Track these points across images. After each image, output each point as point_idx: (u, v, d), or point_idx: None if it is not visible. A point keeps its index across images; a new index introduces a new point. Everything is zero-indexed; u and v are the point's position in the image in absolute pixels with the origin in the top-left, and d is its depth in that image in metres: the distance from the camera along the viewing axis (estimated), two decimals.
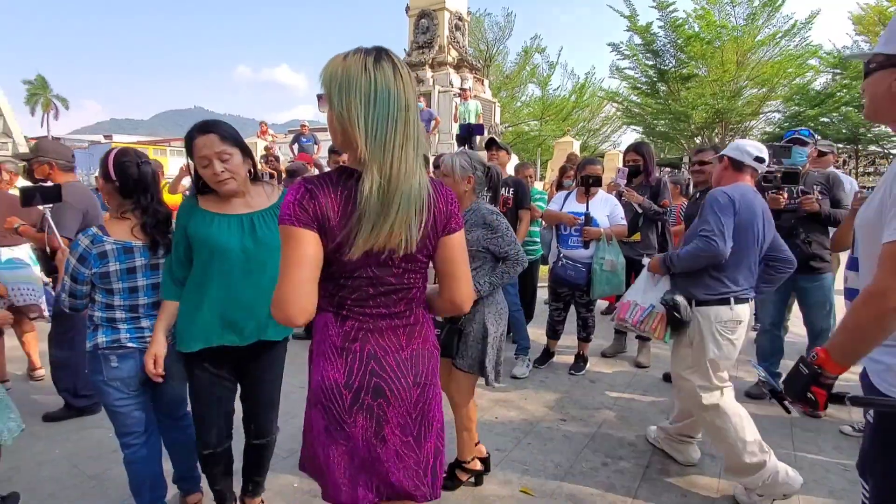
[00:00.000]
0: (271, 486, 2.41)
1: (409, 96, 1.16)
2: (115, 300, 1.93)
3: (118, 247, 1.89)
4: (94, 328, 1.95)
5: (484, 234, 2.33)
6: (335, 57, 1.15)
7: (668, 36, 18.19)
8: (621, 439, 3.01)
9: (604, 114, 25.97)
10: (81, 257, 1.87)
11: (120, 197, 1.96)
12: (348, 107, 1.11)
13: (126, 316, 1.95)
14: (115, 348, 1.91)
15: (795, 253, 3.20)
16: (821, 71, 19.14)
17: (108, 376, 1.92)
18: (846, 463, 2.76)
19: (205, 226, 1.82)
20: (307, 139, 11.04)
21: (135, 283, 1.94)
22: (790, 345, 4.07)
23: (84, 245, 1.87)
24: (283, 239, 1.15)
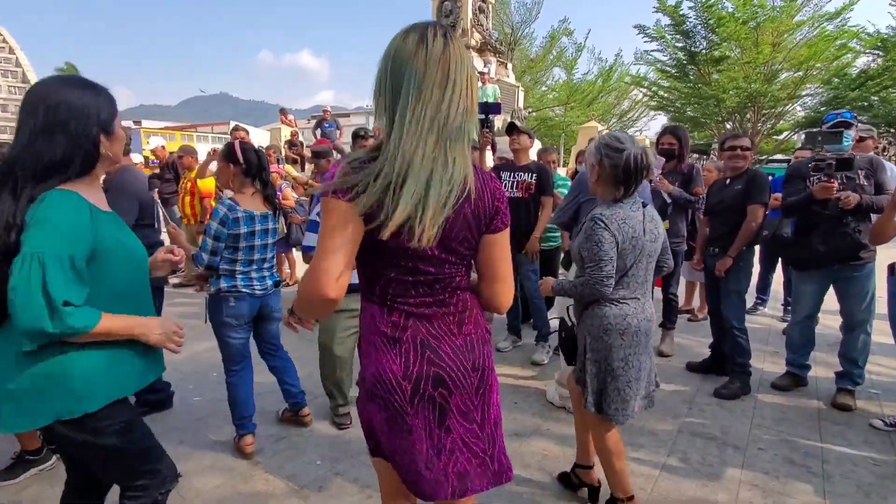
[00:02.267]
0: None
1: (452, 75, 1.10)
2: (237, 256, 2.52)
3: (245, 214, 2.49)
4: (217, 277, 2.53)
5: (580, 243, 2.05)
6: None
7: (699, 17, 17.58)
8: (641, 427, 2.98)
9: (629, 100, 25.37)
10: (222, 221, 2.44)
11: (243, 177, 2.55)
12: (379, 76, 1.13)
13: (242, 269, 2.55)
14: (232, 292, 2.52)
15: (844, 242, 3.10)
16: (861, 52, 18.28)
17: (227, 313, 2.53)
18: (876, 457, 2.68)
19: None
20: (329, 124, 11.08)
21: (252, 243, 2.54)
22: (819, 336, 3.96)
23: (223, 212, 2.45)
24: (326, 212, 1.11)
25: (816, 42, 16.62)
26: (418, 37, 1.10)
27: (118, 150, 1.44)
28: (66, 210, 1.26)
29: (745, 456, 2.69)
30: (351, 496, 2.33)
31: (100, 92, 1.37)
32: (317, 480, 2.44)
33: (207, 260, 2.49)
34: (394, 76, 1.10)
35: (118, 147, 1.43)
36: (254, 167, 2.55)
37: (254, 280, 2.59)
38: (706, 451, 2.74)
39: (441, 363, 1.22)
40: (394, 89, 1.10)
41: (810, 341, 3.52)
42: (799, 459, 2.66)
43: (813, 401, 3.36)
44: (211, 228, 2.46)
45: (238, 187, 2.58)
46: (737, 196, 3.41)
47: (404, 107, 1.09)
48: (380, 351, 1.22)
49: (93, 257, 1.30)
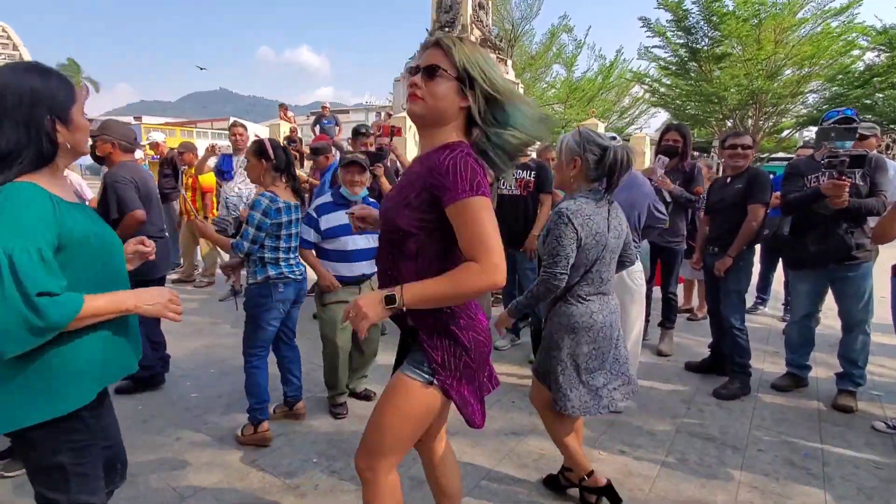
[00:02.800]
0: None
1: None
2: (280, 244, 2.68)
3: (285, 205, 2.65)
4: (262, 265, 2.67)
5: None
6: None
7: (701, 12, 17.47)
8: (640, 427, 2.96)
9: (630, 96, 25.25)
10: (265, 212, 2.59)
11: (273, 172, 2.69)
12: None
13: (284, 256, 2.71)
14: (281, 278, 2.68)
15: (836, 242, 3.08)
16: (867, 49, 18.13)
17: (276, 299, 2.69)
18: (877, 460, 2.66)
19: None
20: (328, 121, 11.04)
21: (290, 231, 2.71)
22: (820, 337, 3.94)
23: (266, 203, 2.59)
24: (481, 208, 1.25)
25: (820, 39, 16.50)
26: None
27: (80, 139, 1.35)
28: (24, 202, 1.19)
29: (744, 457, 2.67)
30: (347, 494, 2.31)
31: (51, 77, 1.28)
32: (313, 478, 2.43)
33: (248, 248, 2.61)
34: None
35: (80, 137, 1.35)
36: (283, 162, 2.71)
37: (293, 266, 2.77)
38: (705, 451, 2.72)
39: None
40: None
41: (809, 341, 3.50)
42: (799, 461, 2.65)
43: (813, 402, 3.34)
44: (254, 218, 2.59)
45: (270, 182, 2.71)
46: (737, 195, 3.38)
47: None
48: (475, 319, 1.46)
49: (61, 249, 1.24)
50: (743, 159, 3.44)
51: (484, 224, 1.25)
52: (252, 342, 2.73)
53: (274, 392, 2.99)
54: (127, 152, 3.27)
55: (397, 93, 14.42)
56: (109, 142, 3.19)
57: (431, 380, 1.41)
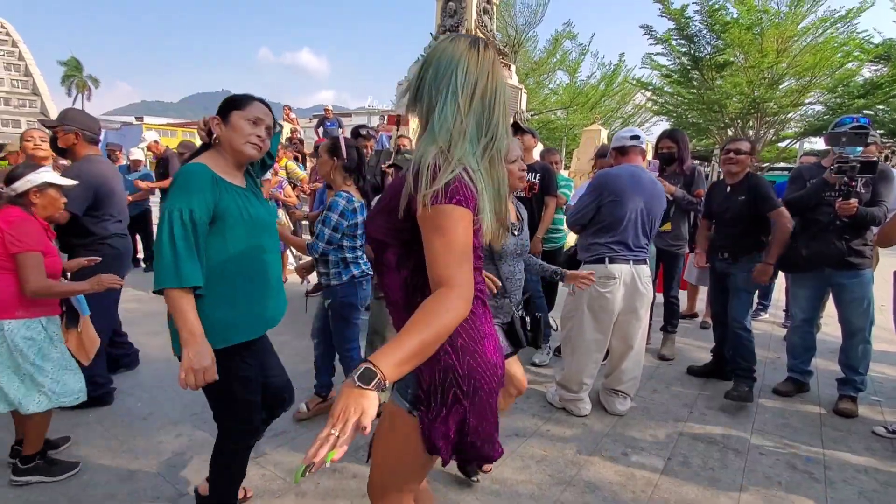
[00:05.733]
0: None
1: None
2: (357, 244, 2.71)
3: (360, 204, 2.66)
4: (346, 265, 2.71)
5: None
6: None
7: (703, 21, 17.54)
8: (642, 431, 2.96)
9: (632, 103, 25.35)
10: (343, 213, 2.59)
11: (344, 171, 2.69)
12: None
13: (360, 255, 2.76)
14: (363, 276, 2.75)
15: (828, 248, 3.09)
16: (868, 60, 18.21)
17: (361, 297, 2.75)
18: (878, 464, 2.66)
19: (243, 200, 1.73)
20: (331, 123, 11.08)
21: (361, 230, 2.68)
22: (822, 343, 3.94)
23: (343, 204, 2.60)
24: (459, 219, 1.09)
25: (822, 48, 16.57)
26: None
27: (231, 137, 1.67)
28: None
29: (746, 461, 2.67)
30: (348, 493, 2.31)
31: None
32: (314, 477, 2.42)
33: (322, 249, 2.63)
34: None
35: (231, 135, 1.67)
36: (354, 163, 2.71)
37: (366, 264, 2.82)
38: (707, 455, 2.72)
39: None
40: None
41: (811, 347, 3.50)
42: (801, 465, 2.64)
43: (815, 407, 3.33)
44: (331, 220, 2.59)
45: (341, 181, 2.72)
46: (743, 207, 3.32)
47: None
48: (478, 342, 1.22)
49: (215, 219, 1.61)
50: (736, 165, 3.37)
51: (454, 237, 1.08)
52: (348, 338, 2.83)
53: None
54: (91, 143, 3.06)
55: (400, 95, 14.47)
56: (72, 132, 2.93)
57: (411, 409, 1.22)
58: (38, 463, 2.33)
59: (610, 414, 3.14)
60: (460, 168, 1.11)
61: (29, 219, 2.25)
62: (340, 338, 2.84)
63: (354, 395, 0.94)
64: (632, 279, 2.99)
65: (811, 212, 3.18)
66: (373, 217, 1.28)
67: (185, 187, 1.58)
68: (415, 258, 1.17)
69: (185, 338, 1.53)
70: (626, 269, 2.98)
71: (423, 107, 1.21)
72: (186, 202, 1.55)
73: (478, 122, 1.17)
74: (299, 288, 6.04)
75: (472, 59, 1.17)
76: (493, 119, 1.19)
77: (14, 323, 2.17)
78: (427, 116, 1.20)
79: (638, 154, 3.14)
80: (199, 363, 1.53)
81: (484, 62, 1.19)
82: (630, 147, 3.13)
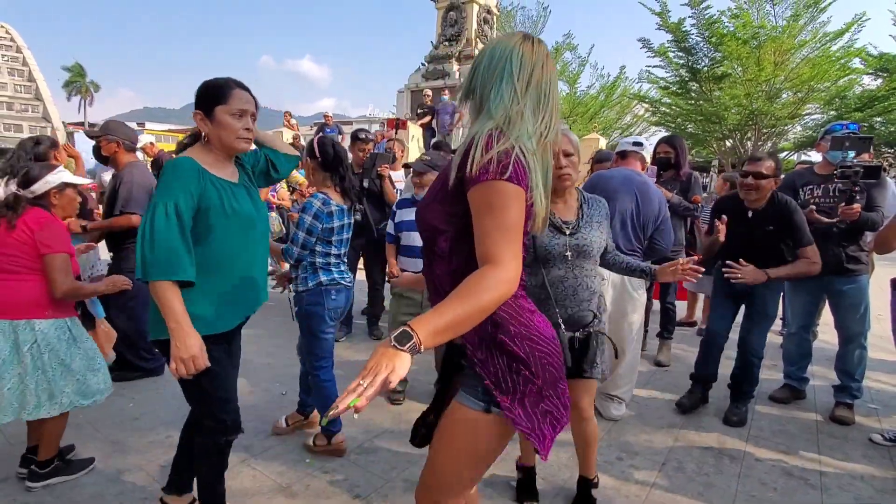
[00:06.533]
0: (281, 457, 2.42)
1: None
2: (331, 249, 2.53)
3: (338, 208, 2.49)
4: (314, 271, 2.51)
5: None
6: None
7: (701, 34, 17.67)
8: (637, 435, 2.94)
9: (632, 114, 25.50)
10: (316, 215, 2.43)
11: (322, 171, 2.52)
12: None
13: (335, 262, 2.56)
14: (333, 285, 2.52)
15: (830, 256, 3.07)
16: (865, 72, 18.36)
17: (328, 306, 2.51)
18: (874, 471, 2.64)
19: (228, 194, 1.71)
20: (331, 129, 11.13)
21: (341, 236, 2.56)
22: (819, 350, 3.93)
23: (317, 206, 2.43)
24: (512, 196, 1.08)
25: (819, 62, 16.69)
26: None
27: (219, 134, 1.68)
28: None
29: (741, 467, 2.65)
30: (339, 495, 2.28)
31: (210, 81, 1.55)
32: (305, 478, 2.40)
33: (298, 254, 2.48)
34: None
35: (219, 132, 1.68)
36: (329, 159, 2.52)
37: (344, 273, 2.61)
38: (702, 460, 2.70)
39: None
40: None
41: (807, 354, 3.49)
42: (797, 472, 2.62)
43: (811, 413, 3.31)
44: (304, 222, 2.44)
45: (320, 182, 2.56)
46: (773, 239, 2.94)
47: None
48: (529, 325, 1.22)
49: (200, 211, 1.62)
50: (755, 192, 2.88)
51: (504, 214, 1.06)
52: (315, 355, 2.57)
53: (269, 392, 2.97)
54: (130, 151, 3.37)
55: (401, 103, 14.56)
56: (114, 141, 3.29)
57: (488, 407, 1.21)
58: (57, 465, 2.31)
59: (605, 419, 3.11)
60: (517, 145, 1.10)
61: (57, 220, 2.25)
62: (308, 352, 2.60)
63: (389, 353, 0.95)
64: (621, 281, 2.98)
65: (809, 223, 3.15)
66: (427, 203, 1.26)
67: (170, 181, 1.59)
68: (468, 247, 1.14)
69: (172, 328, 1.54)
70: None
71: (477, 94, 1.21)
72: (172, 196, 1.56)
73: (533, 109, 1.17)
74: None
75: (526, 49, 1.19)
76: (547, 107, 1.19)
77: (45, 322, 2.16)
78: (482, 102, 1.20)
79: (637, 160, 3.22)
80: (187, 352, 1.55)
81: (539, 53, 1.20)
82: (630, 152, 3.21)
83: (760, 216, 2.94)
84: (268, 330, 4.57)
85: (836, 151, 3.03)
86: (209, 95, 1.68)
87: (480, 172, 1.08)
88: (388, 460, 2.57)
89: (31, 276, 2.14)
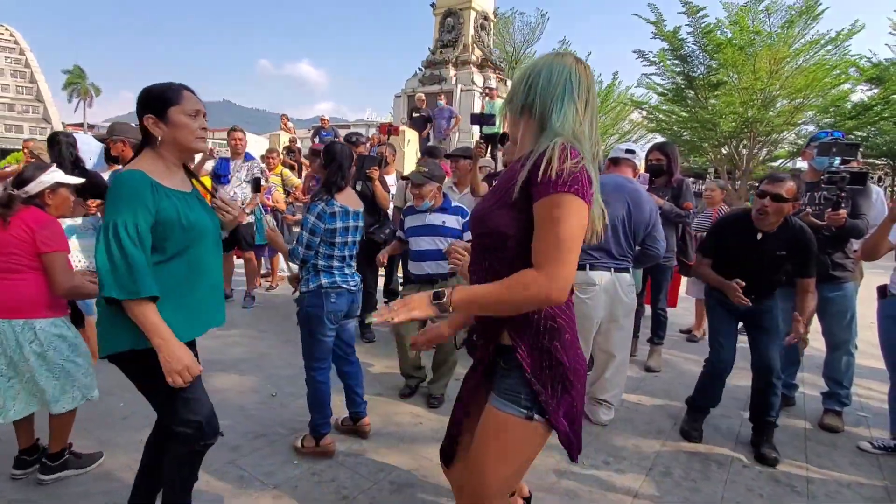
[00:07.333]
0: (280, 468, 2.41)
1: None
2: (334, 251, 2.54)
3: (341, 209, 2.51)
4: (316, 273, 2.53)
5: None
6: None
7: (697, 42, 17.82)
8: (625, 440, 2.94)
9: (628, 121, 25.64)
10: (319, 215, 2.46)
11: (323, 170, 2.57)
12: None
13: (339, 264, 2.57)
14: (334, 288, 2.52)
15: (817, 263, 3.09)
16: (859, 81, 18.52)
17: (328, 309, 2.51)
18: (862, 479, 2.65)
19: (183, 205, 1.65)
20: (327, 133, 11.13)
21: (345, 238, 2.56)
22: (808, 358, 3.95)
23: (321, 206, 2.47)
24: (569, 209, 1.13)
25: (814, 70, 16.83)
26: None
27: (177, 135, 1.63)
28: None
29: (728, 472, 2.66)
30: (327, 497, 2.28)
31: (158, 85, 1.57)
32: (292, 480, 2.39)
33: (303, 254, 2.49)
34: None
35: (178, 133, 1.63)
36: (331, 160, 2.57)
37: (348, 276, 2.61)
38: (689, 466, 2.70)
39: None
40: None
41: (795, 361, 3.51)
42: (783, 479, 2.63)
43: (800, 421, 3.33)
44: (308, 223, 2.47)
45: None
46: (782, 262, 2.79)
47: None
48: (575, 340, 1.32)
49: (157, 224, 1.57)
50: (774, 216, 2.66)
51: (565, 227, 1.12)
52: (312, 356, 2.58)
53: (255, 393, 2.95)
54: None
55: (398, 108, 14.59)
56: (120, 140, 3.48)
57: (532, 414, 1.26)
58: (68, 457, 2.34)
59: (594, 423, 3.12)
60: (583, 161, 1.17)
61: (55, 219, 2.27)
62: (306, 356, 2.61)
63: (424, 301, 1.19)
64: (613, 287, 2.99)
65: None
66: (491, 208, 1.29)
67: (127, 198, 1.52)
68: (530, 251, 1.20)
69: (159, 344, 1.52)
70: (608, 276, 2.98)
71: (537, 110, 1.25)
72: (132, 215, 1.50)
73: (589, 127, 1.25)
74: (289, 293, 6.04)
75: (581, 70, 1.26)
76: (595, 126, 1.28)
77: (44, 322, 2.18)
78: (542, 118, 1.25)
79: (629, 167, 3.26)
80: (180, 364, 1.54)
81: (590, 75, 1.28)
82: (623, 159, 3.26)
83: (771, 239, 2.73)
84: (258, 331, 4.57)
85: (823, 157, 3.05)
86: (159, 98, 1.62)
87: (551, 184, 1.14)
88: (376, 462, 2.57)
89: (29, 275, 2.16)
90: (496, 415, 1.29)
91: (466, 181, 3.97)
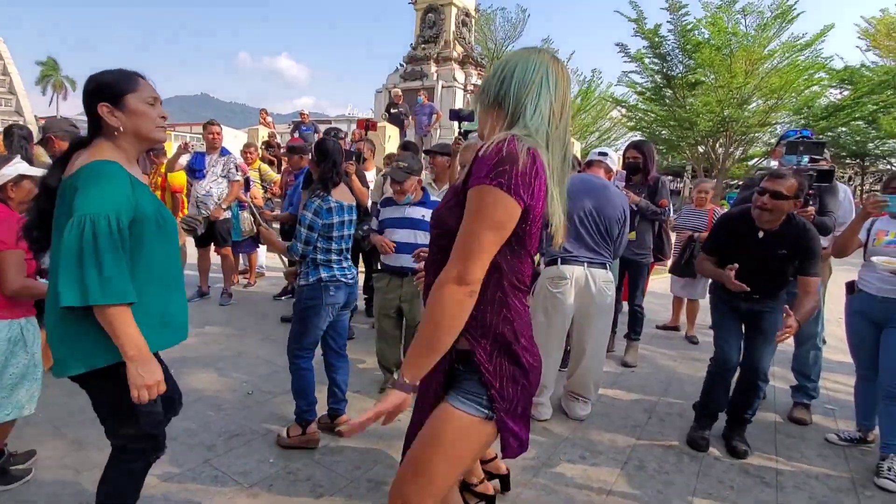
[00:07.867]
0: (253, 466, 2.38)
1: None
2: (332, 246, 2.60)
3: (337, 205, 2.57)
4: (315, 267, 2.59)
5: None
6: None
7: (676, 41, 18.07)
8: (601, 435, 2.98)
9: (609, 120, 25.89)
10: (316, 211, 2.51)
11: (317, 167, 2.61)
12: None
13: (336, 258, 2.64)
14: (333, 281, 2.60)
15: None
16: (830, 85, 19.03)
17: (326, 302, 2.59)
18: (830, 471, 2.73)
19: (149, 198, 1.55)
20: (307, 127, 11.04)
21: (342, 233, 2.63)
22: (780, 353, 4.01)
23: (317, 202, 2.52)
24: (492, 203, 1.11)
25: (788, 71, 17.22)
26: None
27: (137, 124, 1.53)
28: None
29: (701, 465, 2.71)
30: (302, 495, 2.26)
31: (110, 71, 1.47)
32: (268, 479, 2.37)
33: (302, 250, 2.54)
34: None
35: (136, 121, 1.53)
36: (324, 157, 2.59)
37: (345, 269, 2.68)
38: (664, 459, 2.75)
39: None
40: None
41: None
42: (753, 470, 2.69)
43: (770, 414, 3.41)
44: (306, 219, 2.53)
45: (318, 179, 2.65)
46: (784, 262, 2.72)
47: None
48: (531, 340, 1.32)
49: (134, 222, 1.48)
50: (770, 213, 2.61)
51: (478, 219, 1.10)
52: (299, 343, 2.63)
53: (235, 392, 2.91)
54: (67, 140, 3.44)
55: (378, 104, 14.51)
56: (49, 137, 3.42)
57: (490, 414, 1.23)
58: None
59: (571, 419, 3.15)
60: (539, 158, 1.15)
61: (12, 215, 2.13)
62: (293, 342, 2.64)
63: (401, 396, 1.16)
64: (585, 281, 3.03)
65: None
66: (447, 204, 1.27)
67: (105, 189, 1.39)
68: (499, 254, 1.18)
69: (133, 355, 1.41)
70: (580, 270, 3.03)
71: (510, 104, 1.22)
72: (113, 208, 1.38)
73: (564, 127, 1.24)
74: (267, 290, 5.96)
75: (557, 69, 1.24)
76: (567, 126, 1.26)
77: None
78: (515, 113, 1.22)
79: (601, 168, 3.35)
80: (152, 378, 1.45)
81: (566, 75, 1.26)
82: (595, 161, 3.37)
83: (773, 238, 2.67)
84: (235, 329, 4.51)
85: (791, 156, 3.12)
86: (114, 85, 1.49)
87: (477, 176, 1.12)
88: (353, 460, 2.56)
89: None
90: (451, 412, 1.25)
91: (445, 178, 3.96)
